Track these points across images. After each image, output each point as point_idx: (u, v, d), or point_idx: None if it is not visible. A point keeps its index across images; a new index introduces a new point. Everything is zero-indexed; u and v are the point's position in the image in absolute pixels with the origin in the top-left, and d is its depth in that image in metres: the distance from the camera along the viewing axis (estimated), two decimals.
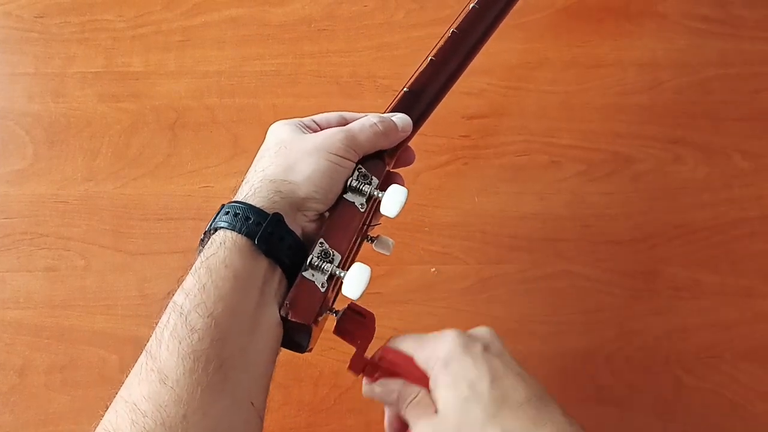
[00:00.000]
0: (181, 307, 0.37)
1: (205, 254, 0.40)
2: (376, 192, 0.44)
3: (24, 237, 0.63)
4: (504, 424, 0.40)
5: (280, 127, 0.46)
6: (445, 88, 0.52)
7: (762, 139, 0.69)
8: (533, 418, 0.40)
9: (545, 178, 0.67)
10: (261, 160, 0.44)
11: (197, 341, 0.36)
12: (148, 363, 0.36)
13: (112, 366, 0.58)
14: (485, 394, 0.41)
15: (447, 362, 0.42)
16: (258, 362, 0.39)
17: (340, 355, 0.59)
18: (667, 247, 0.64)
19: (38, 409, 0.57)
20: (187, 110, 0.69)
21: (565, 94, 0.71)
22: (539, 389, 0.42)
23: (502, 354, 0.43)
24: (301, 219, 0.43)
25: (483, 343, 0.43)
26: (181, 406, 0.35)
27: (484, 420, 0.40)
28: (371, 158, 0.47)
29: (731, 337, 0.61)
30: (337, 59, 0.72)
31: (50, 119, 0.69)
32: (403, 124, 0.49)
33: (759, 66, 0.72)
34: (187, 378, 0.35)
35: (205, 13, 0.75)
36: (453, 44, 0.53)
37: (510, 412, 0.40)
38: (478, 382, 0.41)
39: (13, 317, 0.60)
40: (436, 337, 0.44)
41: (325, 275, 0.41)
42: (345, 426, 0.57)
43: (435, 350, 0.43)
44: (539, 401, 0.41)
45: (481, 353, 0.42)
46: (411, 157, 0.52)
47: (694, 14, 0.75)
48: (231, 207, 0.41)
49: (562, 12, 0.75)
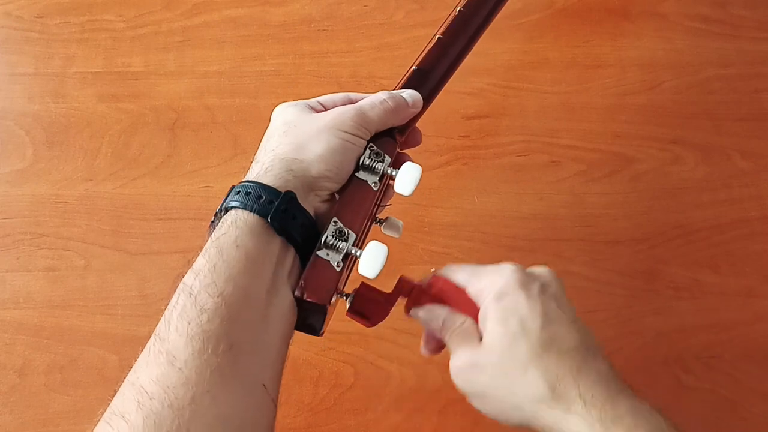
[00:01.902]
0: (190, 288, 0.37)
1: (216, 234, 0.39)
2: (389, 170, 0.44)
3: (24, 237, 0.63)
4: (547, 366, 0.40)
5: (286, 108, 0.45)
6: (453, 66, 0.52)
7: (762, 139, 0.69)
8: (577, 366, 0.40)
9: (545, 178, 0.67)
10: (270, 140, 0.43)
11: (206, 321, 0.35)
12: (156, 344, 0.35)
13: (112, 366, 0.58)
14: (535, 333, 0.40)
15: (501, 296, 0.42)
16: (270, 345, 0.38)
17: (340, 355, 0.59)
18: (667, 247, 0.64)
19: (38, 409, 0.57)
20: (186, 110, 0.69)
21: (565, 94, 0.71)
22: (590, 340, 0.42)
23: (559, 297, 0.43)
24: (313, 199, 0.42)
25: (542, 282, 0.43)
26: (190, 388, 0.33)
27: (529, 358, 0.40)
28: (382, 136, 0.46)
29: (731, 337, 0.61)
30: (337, 59, 0.72)
31: (50, 119, 0.69)
32: (413, 100, 0.48)
33: (759, 66, 0.72)
34: (196, 359, 0.34)
35: (205, 13, 0.75)
36: (460, 22, 0.53)
37: (556, 355, 0.40)
38: (529, 320, 0.41)
39: (13, 317, 0.60)
40: (493, 269, 0.44)
41: (340, 254, 0.40)
42: (345, 426, 0.57)
43: (490, 282, 0.43)
44: (587, 351, 0.41)
45: (538, 293, 0.42)
46: (418, 137, 0.51)
47: (694, 14, 0.75)
48: (242, 186, 0.40)
49: (562, 12, 0.75)
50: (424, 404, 0.58)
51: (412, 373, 0.59)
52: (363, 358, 0.59)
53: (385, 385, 0.58)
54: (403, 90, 0.49)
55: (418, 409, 0.57)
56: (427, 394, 0.58)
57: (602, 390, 0.39)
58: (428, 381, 0.58)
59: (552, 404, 0.39)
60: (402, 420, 0.57)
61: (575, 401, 0.39)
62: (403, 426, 0.57)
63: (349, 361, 0.59)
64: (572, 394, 0.39)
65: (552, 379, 0.39)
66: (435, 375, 0.58)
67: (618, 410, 0.38)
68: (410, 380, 0.58)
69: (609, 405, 0.38)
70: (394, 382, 0.58)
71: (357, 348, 0.59)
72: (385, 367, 0.59)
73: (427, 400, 0.58)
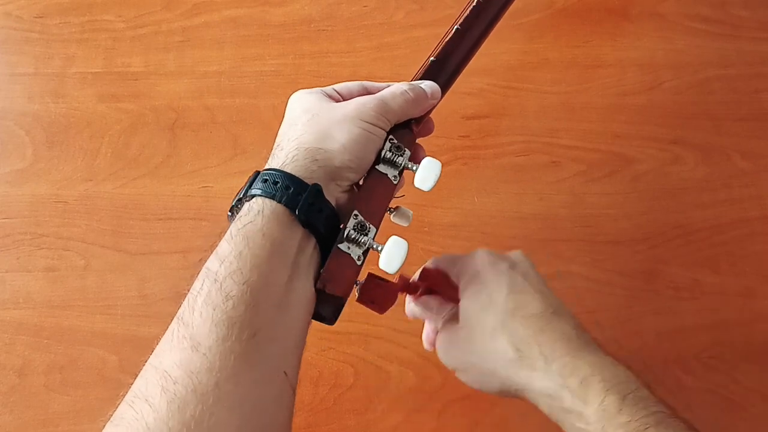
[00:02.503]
0: (216, 274, 0.37)
1: (242, 221, 0.39)
2: (409, 164, 0.44)
3: (24, 237, 0.63)
4: (512, 330, 0.43)
5: (304, 95, 0.45)
6: (468, 56, 0.52)
7: (762, 139, 0.69)
8: (540, 327, 0.43)
9: (545, 178, 0.67)
10: (292, 128, 0.43)
11: (232, 308, 0.35)
12: (180, 330, 0.36)
13: (112, 366, 0.58)
14: (500, 303, 0.44)
15: (473, 276, 0.46)
16: (291, 333, 0.38)
17: (340, 355, 0.59)
18: (667, 247, 0.64)
19: (38, 410, 0.57)
20: (186, 110, 0.69)
21: (565, 95, 0.71)
22: (557, 305, 0.44)
23: (527, 272, 0.46)
24: (334, 189, 0.42)
25: (511, 261, 0.47)
26: (213, 374, 0.34)
27: (496, 326, 0.43)
28: (400, 128, 0.46)
29: (731, 337, 0.60)
30: (336, 59, 0.72)
31: (50, 119, 0.69)
32: (432, 91, 0.48)
33: (759, 66, 0.72)
34: (220, 345, 0.34)
35: (205, 14, 0.75)
36: (477, 13, 0.53)
37: (520, 320, 0.43)
38: (496, 293, 0.44)
39: (13, 317, 0.60)
40: (469, 254, 0.48)
41: (361, 248, 0.40)
42: (344, 426, 0.57)
43: (466, 266, 0.47)
44: (552, 315, 0.43)
45: (506, 269, 0.45)
46: (431, 126, 0.51)
47: (694, 14, 0.75)
48: (269, 174, 0.40)
49: (562, 12, 0.75)
50: (424, 404, 0.58)
51: (412, 373, 0.59)
52: (363, 358, 0.59)
53: (385, 385, 0.58)
54: (421, 81, 0.49)
55: (418, 409, 0.57)
56: (427, 394, 0.58)
57: (562, 346, 0.42)
58: (428, 381, 0.58)
59: (519, 365, 0.42)
60: (402, 420, 0.57)
61: (538, 358, 0.41)
62: (403, 426, 0.57)
63: (348, 361, 0.59)
64: (535, 352, 0.42)
65: (517, 341, 0.42)
66: (435, 375, 0.58)
67: (576, 362, 0.41)
68: (410, 380, 0.58)
69: (569, 359, 0.41)
70: (394, 382, 0.58)
71: (357, 348, 0.59)
72: (384, 367, 0.59)
73: (427, 400, 0.58)
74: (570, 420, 0.41)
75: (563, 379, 0.40)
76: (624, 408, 0.39)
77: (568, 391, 0.40)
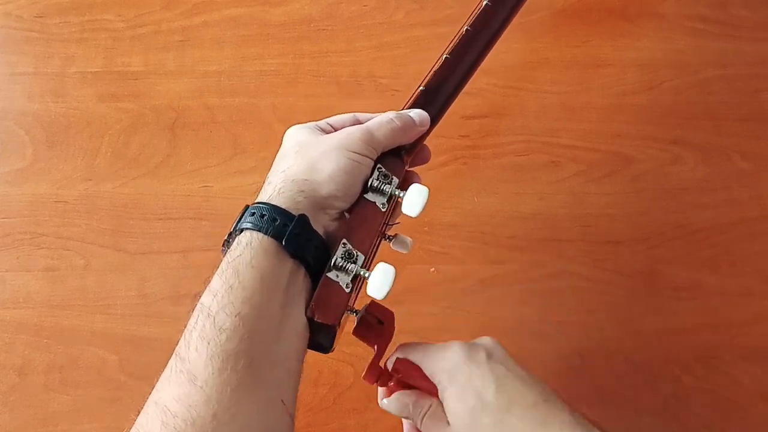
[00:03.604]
0: (209, 309, 0.38)
1: (232, 255, 0.40)
2: (396, 191, 0.45)
3: (23, 237, 0.63)
4: (512, 428, 0.41)
5: (297, 130, 0.47)
6: (459, 85, 0.53)
7: (762, 139, 0.69)
8: (541, 421, 0.41)
9: (545, 178, 0.67)
10: (281, 161, 0.44)
11: (225, 341, 0.36)
12: (177, 365, 0.37)
13: (112, 366, 0.58)
14: (492, 401, 0.42)
15: (453, 374, 0.44)
16: (286, 362, 0.39)
17: (340, 355, 0.59)
18: (667, 247, 0.64)
19: (38, 409, 0.57)
20: (186, 110, 0.69)
21: (565, 94, 0.71)
22: (545, 391, 0.43)
23: (505, 360, 0.44)
24: (323, 218, 0.43)
25: (486, 350, 0.45)
26: (211, 406, 0.35)
27: (493, 427, 0.41)
28: (390, 157, 0.47)
29: (731, 337, 0.61)
30: (336, 59, 0.72)
31: (50, 119, 0.69)
32: (420, 119, 0.49)
33: (759, 66, 0.72)
34: (216, 378, 0.35)
35: (205, 13, 0.75)
36: (467, 42, 0.53)
37: (517, 416, 0.42)
38: (483, 390, 0.42)
39: (13, 317, 0.60)
40: (441, 347, 0.45)
41: (349, 276, 0.41)
42: (344, 426, 0.57)
43: (440, 362, 0.44)
44: (545, 403, 0.42)
45: (485, 361, 0.44)
46: (427, 155, 0.52)
47: (694, 15, 0.75)
48: (256, 208, 0.41)
49: (562, 12, 0.75)
50: None
51: None
52: (363, 358, 0.59)
53: None
54: (410, 110, 0.49)
55: None
56: None
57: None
58: None
59: None
60: (401, 420, 0.57)
61: None
62: (403, 426, 0.57)
63: (348, 360, 0.59)
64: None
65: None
66: None
67: None
68: None
69: None
70: None
71: (357, 348, 0.59)
72: None
73: None
74: None
75: None
76: None
77: None
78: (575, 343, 0.60)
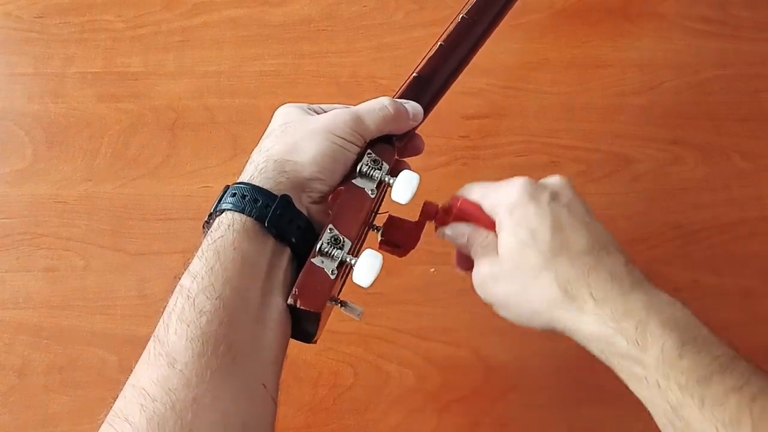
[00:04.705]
0: (188, 290, 0.37)
1: (212, 237, 0.39)
2: (386, 178, 0.44)
3: (23, 237, 0.63)
4: (558, 269, 0.41)
5: (287, 108, 0.46)
6: (454, 74, 0.52)
7: (761, 139, 0.69)
8: (590, 266, 0.41)
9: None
10: (266, 140, 0.44)
11: (206, 323, 0.36)
12: (156, 347, 0.36)
13: (112, 366, 0.58)
14: (544, 241, 0.42)
15: (512, 209, 0.43)
16: (268, 345, 0.38)
17: (339, 355, 0.59)
18: (667, 247, 0.64)
19: (37, 410, 0.57)
20: (186, 110, 0.69)
21: (565, 95, 0.71)
22: (605, 239, 0.42)
23: (572, 203, 0.44)
24: (305, 199, 0.42)
25: (552, 191, 0.44)
26: (191, 390, 0.34)
27: (540, 264, 0.41)
28: (380, 142, 0.46)
29: (731, 337, 0.60)
30: (336, 59, 0.72)
31: (49, 119, 0.69)
32: (414, 112, 0.48)
33: (759, 66, 0.72)
34: (196, 361, 0.35)
35: (205, 14, 0.75)
36: (462, 30, 0.52)
37: (567, 259, 0.41)
38: (539, 229, 0.42)
39: (13, 317, 0.60)
40: (504, 184, 0.45)
41: (335, 262, 0.40)
42: (344, 426, 0.57)
43: (501, 197, 0.44)
44: (600, 251, 0.42)
45: (547, 202, 0.43)
46: (420, 146, 0.50)
47: (694, 15, 0.75)
48: (237, 188, 0.40)
49: (562, 12, 0.75)
50: (423, 404, 0.58)
51: (412, 374, 0.58)
52: (362, 358, 0.59)
53: (384, 385, 0.58)
54: (405, 101, 0.48)
55: (418, 409, 0.57)
56: (427, 394, 0.58)
57: (614, 287, 0.40)
58: (428, 381, 0.58)
59: (566, 306, 0.40)
60: (401, 420, 0.57)
61: (587, 300, 0.40)
62: (403, 426, 0.57)
63: (348, 361, 0.59)
64: (584, 294, 0.40)
65: (563, 282, 0.41)
66: (435, 375, 0.58)
67: (630, 305, 0.39)
68: (410, 380, 0.58)
69: (620, 300, 0.39)
70: (394, 382, 0.58)
71: (356, 348, 0.59)
72: (384, 367, 0.59)
73: (426, 400, 0.58)
74: (626, 365, 0.39)
75: (616, 323, 0.39)
76: (685, 353, 0.37)
77: (623, 337, 0.38)
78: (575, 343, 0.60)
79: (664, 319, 0.38)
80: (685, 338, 0.38)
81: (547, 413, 0.58)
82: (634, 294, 0.40)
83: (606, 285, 0.40)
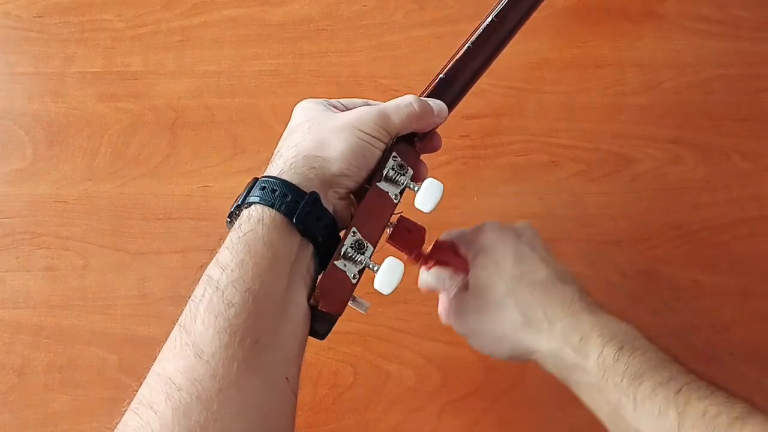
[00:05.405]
0: (217, 282, 0.37)
1: (242, 230, 0.39)
2: (411, 184, 0.44)
3: (23, 237, 0.63)
4: (518, 297, 0.46)
5: (308, 104, 0.46)
6: (476, 76, 0.52)
7: (761, 139, 0.69)
8: (546, 293, 0.45)
9: (545, 178, 0.67)
10: (293, 135, 0.44)
11: (234, 316, 0.36)
12: (183, 337, 0.36)
13: (112, 366, 0.58)
14: (507, 271, 0.46)
15: (482, 247, 0.48)
16: (290, 341, 0.39)
17: (340, 355, 0.59)
18: (667, 247, 0.64)
19: (37, 409, 0.57)
20: (186, 110, 0.69)
21: (565, 95, 0.71)
22: (561, 273, 0.47)
23: (532, 242, 0.49)
24: (332, 196, 0.42)
25: (516, 232, 0.49)
26: (217, 381, 0.34)
27: (504, 293, 0.46)
28: (404, 144, 0.46)
29: (731, 337, 0.60)
30: (336, 59, 0.72)
31: (49, 119, 0.69)
32: (439, 110, 0.48)
33: (759, 66, 0.72)
34: (223, 352, 0.35)
35: (205, 13, 0.75)
36: (491, 32, 0.52)
37: (527, 287, 0.46)
38: (502, 261, 0.47)
39: (12, 317, 0.60)
40: (476, 228, 0.50)
41: (357, 267, 0.40)
42: (344, 426, 0.57)
43: (474, 238, 0.49)
44: (558, 281, 0.46)
45: (512, 239, 0.48)
46: (437, 143, 0.51)
47: (694, 15, 0.75)
48: (267, 182, 0.40)
49: (561, 12, 0.75)
50: (423, 404, 0.58)
51: (412, 373, 0.59)
52: (362, 357, 0.59)
53: (384, 385, 0.58)
54: (431, 99, 0.49)
55: (418, 409, 0.57)
56: (427, 394, 0.58)
57: (565, 310, 0.44)
58: (428, 381, 0.58)
59: (526, 329, 0.45)
60: (401, 420, 0.57)
61: (542, 321, 0.44)
62: (403, 426, 0.57)
63: (348, 360, 0.59)
64: (540, 316, 0.44)
65: (523, 306, 0.45)
66: (435, 375, 0.58)
67: (577, 323, 0.43)
68: (409, 380, 0.58)
69: (570, 320, 0.44)
70: (394, 381, 0.58)
71: (356, 348, 0.59)
72: (384, 367, 0.59)
73: (426, 400, 0.58)
74: (574, 376, 0.43)
75: (565, 337, 0.43)
76: (621, 356, 0.41)
77: (570, 348, 0.43)
78: None
79: (606, 331, 0.43)
80: (622, 345, 0.42)
81: (547, 413, 0.58)
82: (583, 315, 0.44)
83: (558, 308, 0.44)
